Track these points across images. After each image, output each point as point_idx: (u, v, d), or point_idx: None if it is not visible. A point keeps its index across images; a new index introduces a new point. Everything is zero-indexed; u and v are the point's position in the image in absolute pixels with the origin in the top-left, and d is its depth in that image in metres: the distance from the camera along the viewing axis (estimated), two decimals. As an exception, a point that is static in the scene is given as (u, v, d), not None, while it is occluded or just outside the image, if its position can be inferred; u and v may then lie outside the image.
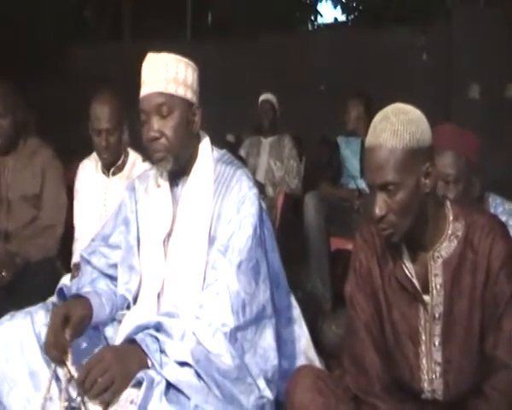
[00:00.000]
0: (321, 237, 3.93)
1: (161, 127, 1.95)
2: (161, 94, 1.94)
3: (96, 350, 1.81)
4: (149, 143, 1.97)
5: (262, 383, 1.86)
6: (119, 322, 2.01)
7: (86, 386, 1.64)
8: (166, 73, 1.95)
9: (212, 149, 2.11)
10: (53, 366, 1.73)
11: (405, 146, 1.59)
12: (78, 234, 3.13)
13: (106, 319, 2.00)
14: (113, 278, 2.11)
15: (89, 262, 2.12)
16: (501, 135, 5.76)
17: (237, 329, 1.83)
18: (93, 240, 2.20)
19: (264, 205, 2.12)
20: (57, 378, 1.79)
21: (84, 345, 1.83)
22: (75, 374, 1.70)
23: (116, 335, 1.95)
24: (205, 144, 2.09)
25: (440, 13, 7.72)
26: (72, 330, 1.80)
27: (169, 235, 2.04)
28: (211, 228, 1.98)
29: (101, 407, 1.64)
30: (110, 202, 2.29)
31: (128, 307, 2.08)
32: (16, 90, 3.25)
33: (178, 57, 2.00)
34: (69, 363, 1.72)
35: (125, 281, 2.08)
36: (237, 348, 1.81)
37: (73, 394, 1.74)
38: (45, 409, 1.72)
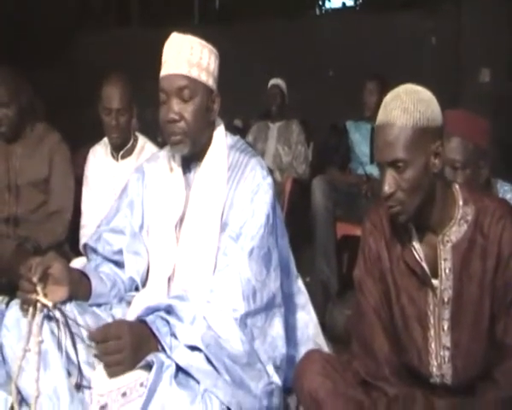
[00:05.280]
0: (328, 221, 3.92)
1: (181, 110, 1.94)
2: (184, 77, 1.94)
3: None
4: (167, 125, 1.96)
5: (271, 370, 1.86)
6: (128, 303, 2.02)
7: (98, 350, 1.68)
8: (190, 57, 1.95)
9: (226, 136, 2.11)
10: (29, 317, 1.73)
11: (415, 124, 1.60)
12: (84, 220, 3.15)
13: (108, 295, 1.99)
14: (117, 264, 2.10)
15: (94, 250, 2.13)
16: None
17: (247, 315, 1.83)
18: (99, 226, 2.20)
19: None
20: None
21: (93, 325, 1.83)
22: (49, 303, 1.72)
23: (125, 316, 1.94)
24: (219, 131, 2.09)
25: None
26: (42, 267, 1.75)
27: (181, 219, 2.03)
28: (223, 214, 1.98)
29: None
30: (119, 187, 2.30)
31: (137, 289, 2.09)
32: (20, 76, 3.23)
33: (203, 42, 1.99)
34: (40, 296, 1.72)
35: (132, 265, 2.08)
36: (247, 334, 1.81)
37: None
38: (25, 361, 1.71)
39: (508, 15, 6.39)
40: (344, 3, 11.42)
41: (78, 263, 2.22)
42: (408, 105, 1.61)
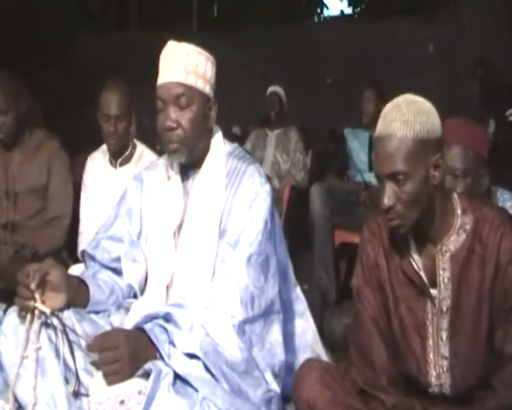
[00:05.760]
0: (326, 228, 3.92)
1: (178, 118, 1.94)
2: (181, 85, 1.94)
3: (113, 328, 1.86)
4: (165, 133, 1.96)
5: (269, 377, 1.86)
6: (126, 310, 2.01)
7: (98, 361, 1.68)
8: (187, 64, 1.95)
9: (224, 143, 2.11)
10: (27, 324, 1.72)
11: (416, 136, 1.58)
12: (83, 227, 3.15)
13: (106, 302, 1.99)
14: (116, 271, 2.10)
15: (92, 257, 2.12)
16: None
17: (246, 322, 1.83)
18: (97, 233, 2.19)
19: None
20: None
21: (91, 333, 1.82)
22: (47, 310, 1.71)
23: (123, 324, 1.94)
24: (217, 138, 2.09)
25: (448, 2, 7.65)
26: (40, 273, 1.74)
27: (179, 227, 2.03)
28: (221, 221, 1.98)
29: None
30: (117, 194, 2.30)
31: (135, 297, 2.08)
32: (18, 81, 3.23)
33: (199, 49, 2.00)
34: (38, 303, 1.71)
35: (131, 272, 2.08)
36: (245, 341, 1.81)
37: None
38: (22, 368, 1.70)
39: (508, 21, 6.41)
40: (342, 11, 11.48)
41: (76, 270, 2.21)
42: (408, 117, 1.59)
